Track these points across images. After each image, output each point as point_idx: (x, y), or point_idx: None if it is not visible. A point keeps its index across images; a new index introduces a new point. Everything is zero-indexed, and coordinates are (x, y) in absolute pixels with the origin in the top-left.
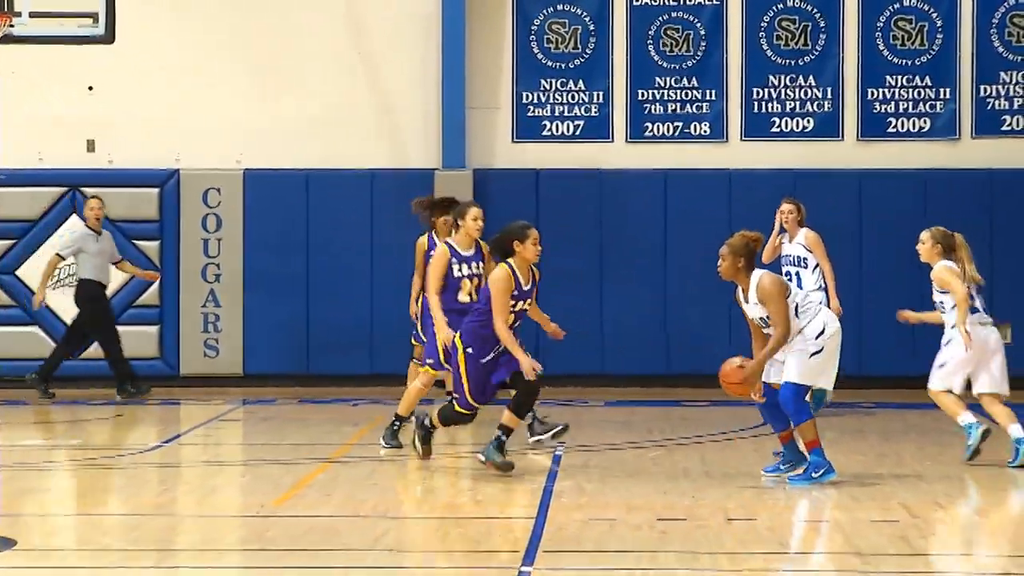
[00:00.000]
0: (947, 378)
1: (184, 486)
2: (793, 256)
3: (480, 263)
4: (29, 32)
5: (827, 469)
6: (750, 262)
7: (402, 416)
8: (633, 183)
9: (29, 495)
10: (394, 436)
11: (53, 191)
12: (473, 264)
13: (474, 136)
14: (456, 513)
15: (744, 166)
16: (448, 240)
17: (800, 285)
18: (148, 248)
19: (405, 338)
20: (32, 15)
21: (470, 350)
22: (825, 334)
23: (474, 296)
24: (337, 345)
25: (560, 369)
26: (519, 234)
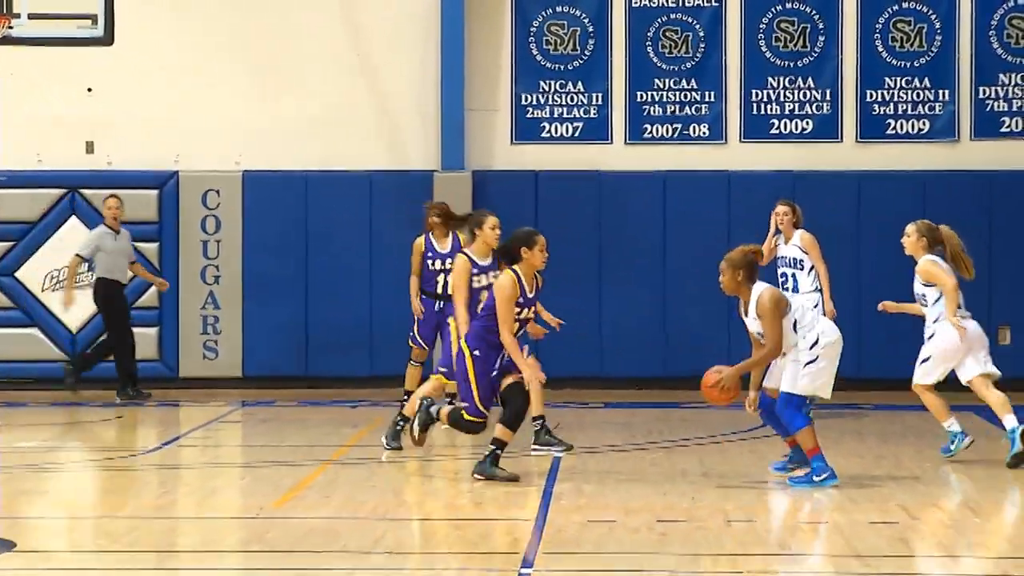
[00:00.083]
0: (931, 372)
1: (184, 488)
2: (789, 258)
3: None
4: (28, 33)
5: (830, 475)
6: (750, 275)
7: (407, 417)
8: (632, 185)
9: (29, 497)
10: (396, 437)
11: (52, 192)
12: (491, 274)
13: (473, 138)
14: (455, 515)
15: (743, 168)
16: (466, 251)
17: (796, 287)
18: (147, 250)
19: (404, 339)
20: (31, 16)
21: (477, 353)
22: (819, 344)
23: None
24: (336, 347)
25: (559, 371)
26: (527, 241)
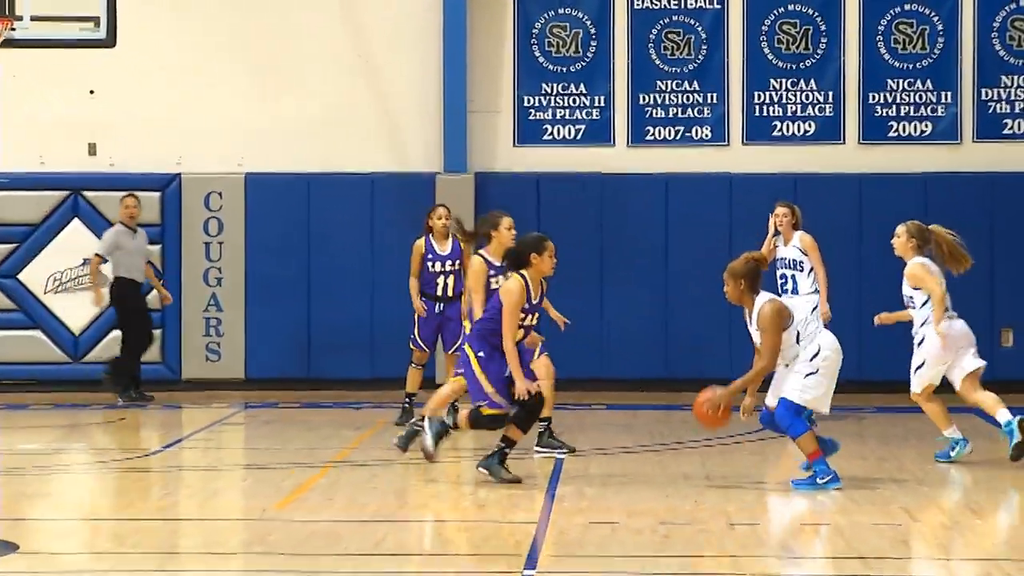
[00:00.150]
0: (928, 377)
1: (186, 490)
2: (788, 259)
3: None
4: (31, 36)
5: (833, 477)
6: (752, 284)
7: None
8: (634, 187)
9: (31, 499)
10: (410, 439)
11: (55, 195)
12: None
13: (475, 140)
14: (458, 517)
15: (745, 170)
16: (482, 252)
17: (795, 288)
18: (150, 252)
19: (407, 341)
20: (33, 19)
21: (482, 354)
22: (819, 356)
23: None
24: (339, 349)
25: (561, 373)
26: (537, 247)
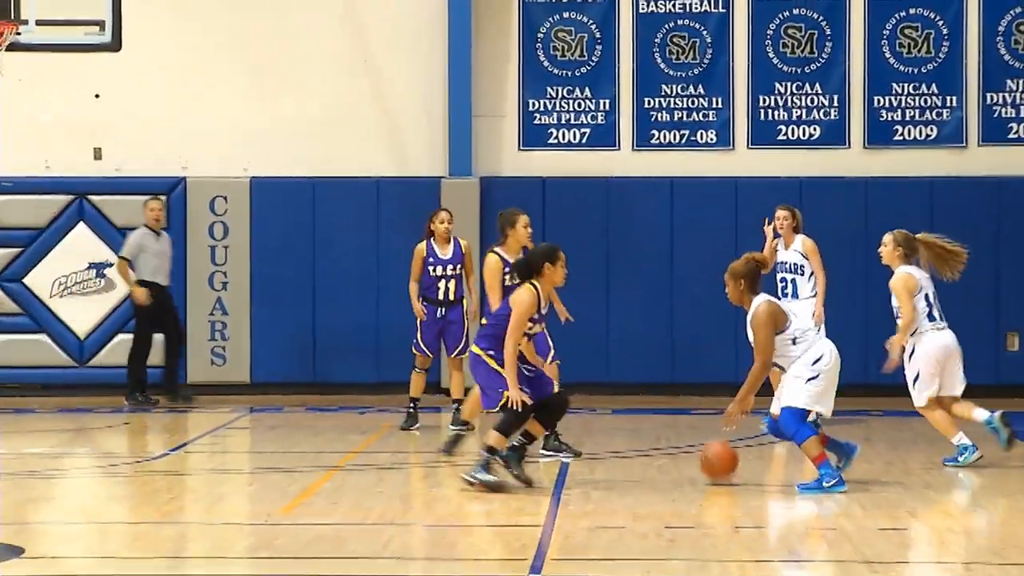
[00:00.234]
0: (927, 387)
1: (191, 494)
2: (789, 263)
3: None
4: (36, 40)
5: (838, 481)
6: (752, 285)
7: (467, 420)
8: (639, 191)
9: (37, 503)
10: (455, 443)
11: (60, 199)
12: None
13: (480, 144)
14: (463, 521)
15: (751, 174)
16: (496, 250)
17: (796, 292)
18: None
19: (410, 346)
20: (39, 23)
21: (492, 352)
22: (822, 361)
23: None
24: (344, 353)
25: (566, 377)
26: (551, 256)
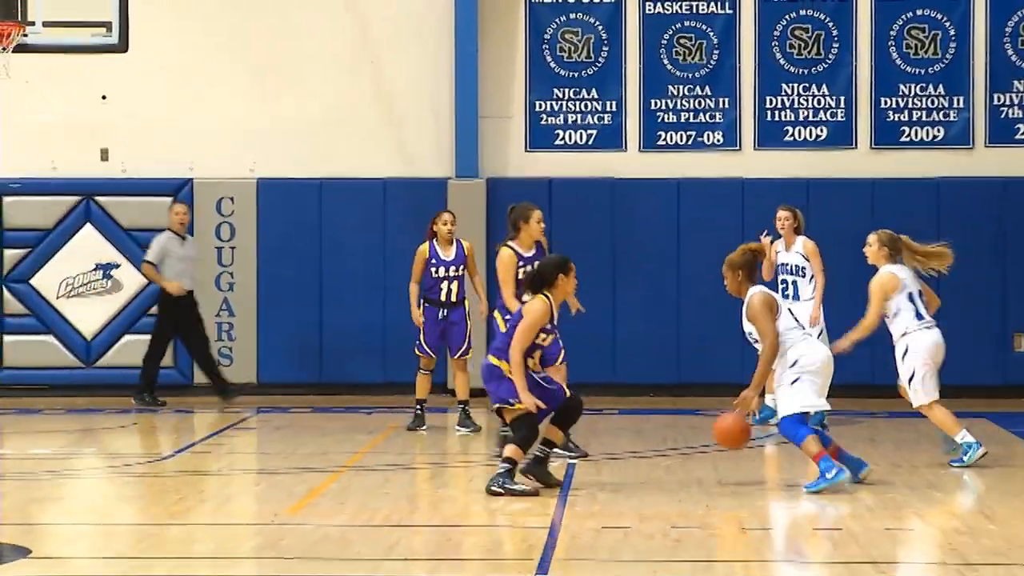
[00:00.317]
0: (927, 388)
1: (198, 495)
2: (791, 265)
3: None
4: (43, 41)
5: (838, 470)
6: (750, 275)
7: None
8: (646, 192)
9: (44, 504)
10: (503, 442)
11: (67, 200)
12: (537, 264)
13: (487, 145)
14: (469, 522)
15: (757, 175)
16: (510, 243)
17: (796, 294)
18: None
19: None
20: (46, 24)
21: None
22: (799, 364)
23: None
24: (350, 354)
25: (572, 378)
26: (564, 267)
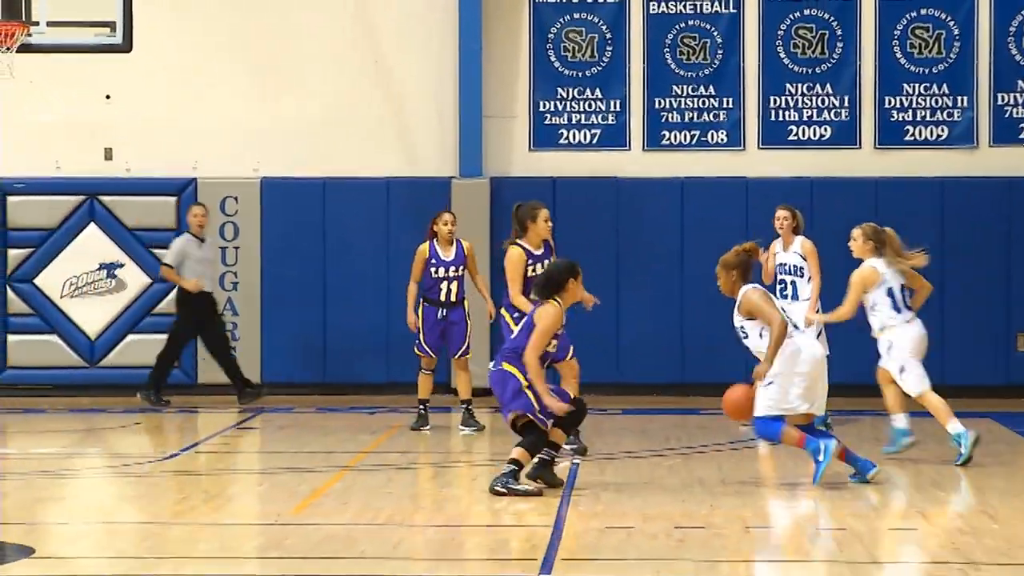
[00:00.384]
0: (918, 376)
1: (202, 494)
2: (789, 265)
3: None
4: (47, 41)
5: (825, 446)
6: (744, 275)
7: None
8: (650, 191)
9: (47, 503)
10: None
11: (71, 200)
12: (546, 262)
13: (491, 145)
14: (473, 521)
15: (761, 174)
16: (519, 242)
17: (796, 294)
18: (165, 257)
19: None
20: (50, 24)
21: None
22: (775, 367)
23: None
24: (354, 353)
25: None
26: (574, 272)
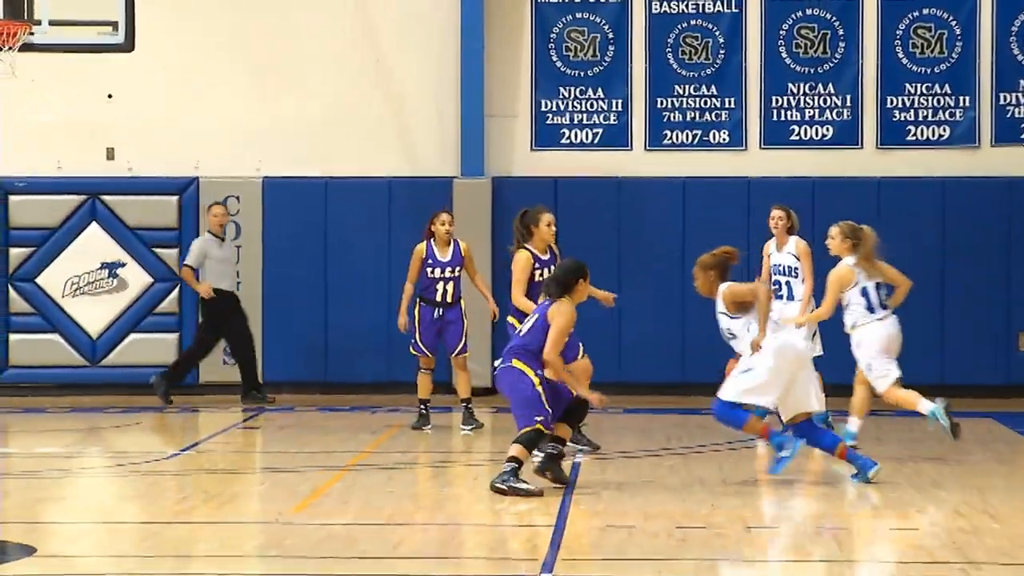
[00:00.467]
0: (885, 371)
1: (202, 494)
2: (783, 266)
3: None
4: (49, 40)
5: (789, 440)
6: (722, 276)
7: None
8: (652, 191)
9: (48, 503)
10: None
11: (72, 199)
12: (552, 267)
13: (492, 144)
14: (474, 521)
15: (763, 174)
16: (528, 247)
17: (791, 294)
18: (167, 256)
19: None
20: (52, 23)
21: (540, 372)
22: (754, 356)
23: None
24: (355, 353)
25: None
26: (582, 272)
